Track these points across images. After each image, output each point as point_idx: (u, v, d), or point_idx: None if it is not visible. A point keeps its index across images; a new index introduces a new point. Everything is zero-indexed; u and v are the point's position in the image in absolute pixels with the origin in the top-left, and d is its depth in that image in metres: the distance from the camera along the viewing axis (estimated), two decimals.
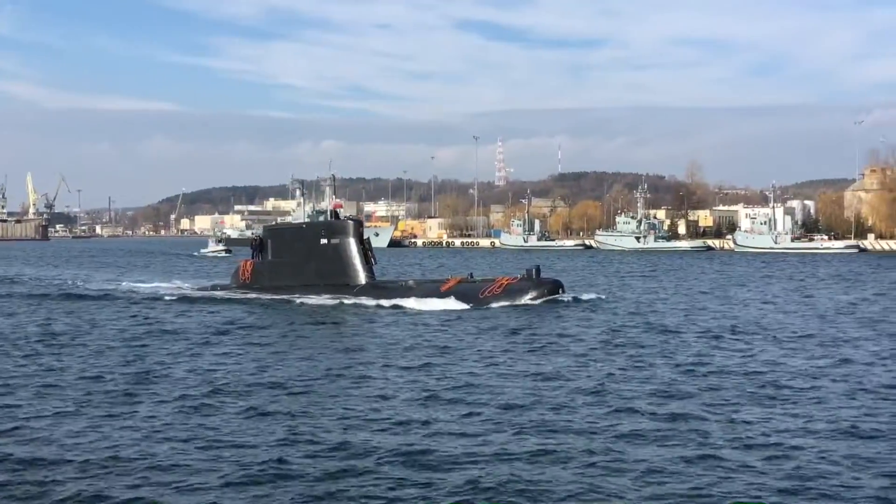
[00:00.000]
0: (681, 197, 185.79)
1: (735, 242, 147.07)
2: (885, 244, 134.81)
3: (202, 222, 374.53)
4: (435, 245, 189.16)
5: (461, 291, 42.27)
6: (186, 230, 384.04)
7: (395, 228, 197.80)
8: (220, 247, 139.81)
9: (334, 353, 27.43)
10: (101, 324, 35.75)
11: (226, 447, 15.50)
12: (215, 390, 20.61)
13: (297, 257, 46.89)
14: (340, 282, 44.74)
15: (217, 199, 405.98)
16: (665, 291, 54.27)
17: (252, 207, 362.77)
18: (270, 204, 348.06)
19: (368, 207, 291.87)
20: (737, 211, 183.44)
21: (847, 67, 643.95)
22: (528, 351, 27.22)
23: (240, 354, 27.14)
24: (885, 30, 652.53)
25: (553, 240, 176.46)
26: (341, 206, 52.02)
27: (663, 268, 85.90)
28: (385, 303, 41.89)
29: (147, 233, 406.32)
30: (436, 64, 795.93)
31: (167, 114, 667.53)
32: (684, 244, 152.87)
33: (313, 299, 43.46)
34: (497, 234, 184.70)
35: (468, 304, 40.67)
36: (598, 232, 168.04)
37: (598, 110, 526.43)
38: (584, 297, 44.43)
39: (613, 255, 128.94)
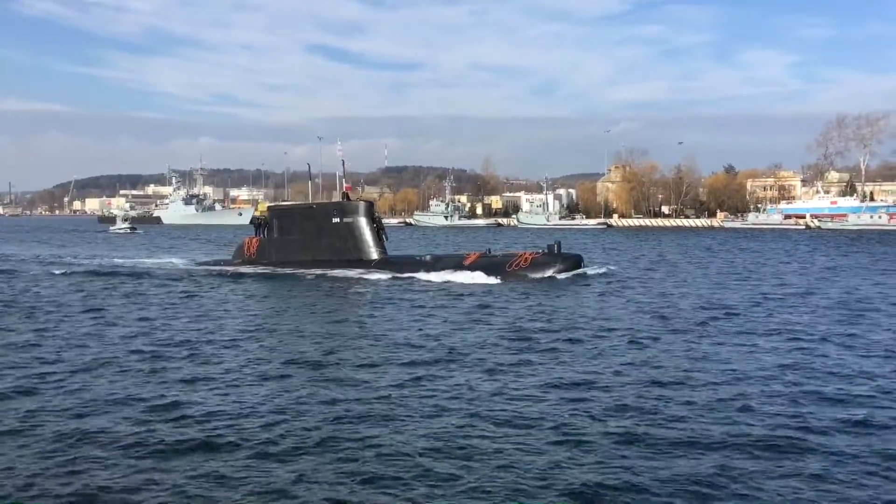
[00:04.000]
0: (478, 186, 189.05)
1: (518, 221, 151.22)
2: (625, 222, 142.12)
3: (92, 204, 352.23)
4: None
5: (486, 265, 35.75)
6: (78, 211, 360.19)
7: (255, 209, 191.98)
8: (126, 225, 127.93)
9: (382, 325, 22.37)
10: (136, 296, 30.16)
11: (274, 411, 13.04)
12: (285, 360, 17.31)
13: (308, 235, 40.67)
14: (354, 257, 39.00)
15: (104, 185, 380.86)
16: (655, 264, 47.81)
17: (135, 192, 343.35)
18: (151, 189, 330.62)
19: (233, 192, 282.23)
20: (520, 196, 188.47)
21: (600, 90, 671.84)
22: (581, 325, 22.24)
23: (278, 324, 22.86)
24: (627, 64, 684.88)
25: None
26: (351, 189, 45.80)
27: (480, 237, 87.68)
28: (407, 276, 35.38)
29: (43, 213, 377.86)
30: (288, 78, 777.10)
31: (61, 113, 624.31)
32: (481, 221, 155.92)
33: (331, 272, 37.33)
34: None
35: (496, 276, 34.34)
36: (415, 213, 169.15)
37: (417, 118, 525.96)
38: (594, 271, 38.15)
39: (428, 229, 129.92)
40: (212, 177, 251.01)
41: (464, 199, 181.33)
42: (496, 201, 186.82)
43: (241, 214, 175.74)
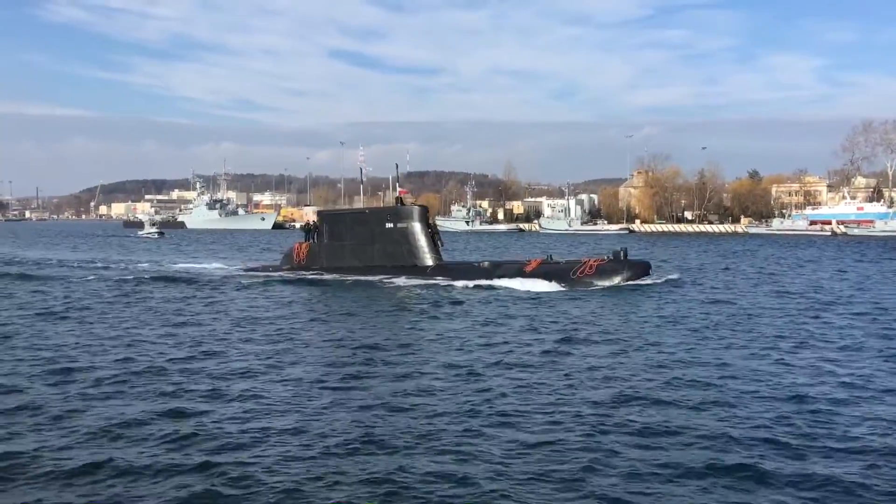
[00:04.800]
0: (499, 191, 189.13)
1: (540, 226, 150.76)
2: (647, 227, 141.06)
3: (118, 209, 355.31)
4: None
5: (549, 272, 34.14)
6: (104, 215, 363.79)
7: (278, 214, 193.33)
8: (154, 230, 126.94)
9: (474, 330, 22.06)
10: (195, 303, 29.63)
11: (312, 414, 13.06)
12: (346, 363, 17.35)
13: (360, 240, 39.47)
14: (408, 263, 37.63)
15: (130, 190, 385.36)
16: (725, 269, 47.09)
17: (160, 197, 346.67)
18: (175, 194, 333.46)
19: (256, 197, 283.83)
20: (541, 202, 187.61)
21: (620, 95, 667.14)
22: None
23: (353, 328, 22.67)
24: (649, 68, 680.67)
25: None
26: (406, 193, 43.99)
27: (501, 243, 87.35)
28: (465, 283, 33.97)
29: (70, 217, 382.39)
30: (310, 83, 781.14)
31: (86, 118, 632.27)
32: (502, 227, 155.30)
33: (385, 279, 36.12)
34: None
35: (561, 283, 32.73)
36: (437, 218, 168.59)
37: (438, 123, 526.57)
38: (662, 278, 36.20)
39: (449, 234, 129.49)
40: (235, 182, 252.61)
41: (485, 204, 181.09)
42: (517, 206, 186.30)
43: (263, 219, 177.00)
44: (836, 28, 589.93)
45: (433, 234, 39.15)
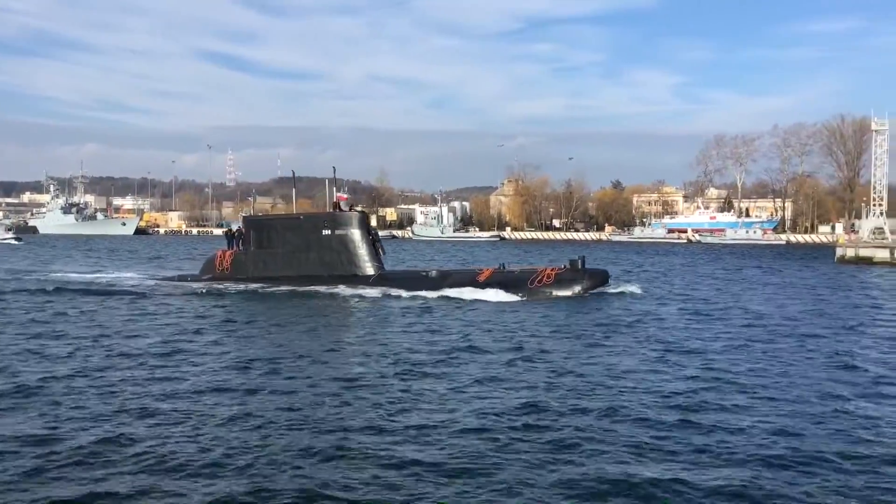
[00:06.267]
0: (373, 198, 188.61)
1: (413, 233, 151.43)
2: (518, 234, 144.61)
3: None
4: (175, 233, 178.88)
5: (504, 281, 32.50)
6: None
7: (141, 219, 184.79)
8: (11, 235, 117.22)
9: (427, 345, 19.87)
10: (100, 314, 26.27)
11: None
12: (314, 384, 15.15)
13: (294, 248, 36.89)
14: (348, 272, 35.35)
15: None
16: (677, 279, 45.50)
17: (9, 200, 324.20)
18: (27, 197, 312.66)
19: (117, 201, 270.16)
20: (414, 209, 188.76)
21: (495, 105, 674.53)
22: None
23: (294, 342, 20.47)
24: (523, 80, 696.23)
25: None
26: (345, 199, 41.86)
27: None
28: (411, 294, 32.05)
29: None
30: (181, 85, 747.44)
31: None
32: None
33: (321, 289, 33.72)
34: (228, 225, 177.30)
35: (518, 293, 31.11)
36: None
37: (317, 129, 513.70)
38: (621, 288, 34.48)
39: None
40: (94, 185, 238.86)
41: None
42: (391, 213, 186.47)
43: (125, 224, 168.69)
44: (693, 47, 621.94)
45: (374, 241, 37.21)
